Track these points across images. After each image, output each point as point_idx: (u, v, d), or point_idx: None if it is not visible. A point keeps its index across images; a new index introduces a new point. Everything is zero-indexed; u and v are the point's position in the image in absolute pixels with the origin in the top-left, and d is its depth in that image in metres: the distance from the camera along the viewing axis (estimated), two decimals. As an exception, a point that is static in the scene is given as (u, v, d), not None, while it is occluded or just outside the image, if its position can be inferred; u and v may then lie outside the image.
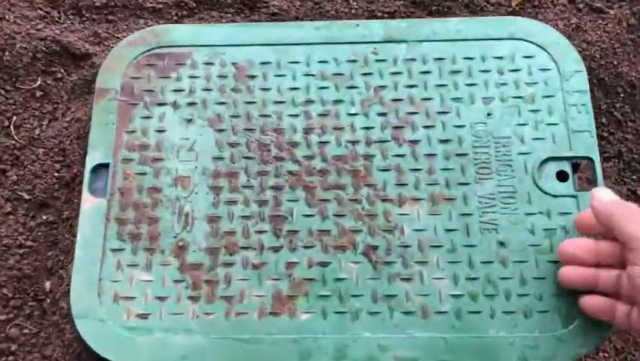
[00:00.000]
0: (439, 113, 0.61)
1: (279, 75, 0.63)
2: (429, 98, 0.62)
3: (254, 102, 0.62)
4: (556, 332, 0.53)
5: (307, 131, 0.61)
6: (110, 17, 0.70)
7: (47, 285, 0.60)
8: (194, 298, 0.56)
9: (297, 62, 0.64)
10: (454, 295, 0.55)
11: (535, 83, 0.62)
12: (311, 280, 0.56)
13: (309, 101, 0.62)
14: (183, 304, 0.56)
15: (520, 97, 0.61)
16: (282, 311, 0.55)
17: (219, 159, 0.60)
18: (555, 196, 0.58)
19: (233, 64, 0.64)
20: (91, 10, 0.71)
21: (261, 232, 0.58)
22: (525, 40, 0.63)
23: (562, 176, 0.59)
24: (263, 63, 0.64)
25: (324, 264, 0.56)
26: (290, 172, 0.60)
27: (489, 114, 0.61)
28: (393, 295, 0.55)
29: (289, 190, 0.59)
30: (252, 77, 0.63)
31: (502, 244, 0.56)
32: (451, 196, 0.58)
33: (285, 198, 0.59)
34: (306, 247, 0.57)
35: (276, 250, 0.57)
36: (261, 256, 0.57)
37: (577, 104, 0.60)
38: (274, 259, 0.57)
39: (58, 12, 0.70)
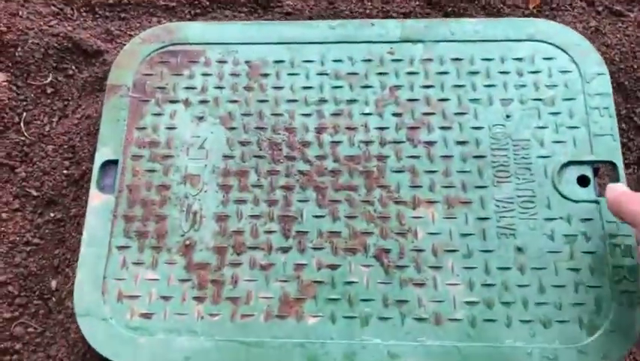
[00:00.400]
0: (456, 114, 0.59)
1: (293, 74, 0.62)
2: (446, 99, 0.60)
3: (266, 101, 0.61)
4: (577, 343, 0.51)
5: (319, 130, 0.60)
6: (123, 15, 0.70)
7: (53, 283, 0.59)
8: (199, 299, 0.54)
9: (311, 61, 0.63)
10: (468, 302, 0.53)
11: (556, 85, 0.60)
12: (320, 282, 0.54)
13: (323, 100, 0.61)
14: (188, 304, 0.54)
15: (540, 99, 0.59)
16: (289, 314, 0.53)
17: (230, 157, 0.59)
18: (576, 201, 0.55)
19: (247, 62, 0.63)
20: (104, 8, 0.70)
21: (269, 232, 0.56)
22: (545, 42, 0.61)
23: (583, 181, 0.56)
24: (276, 62, 0.63)
25: (333, 267, 0.55)
26: (301, 172, 0.58)
27: (508, 116, 0.59)
28: (405, 301, 0.53)
29: (300, 190, 0.57)
30: (265, 75, 0.62)
31: (520, 249, 0.54)
32: (467, 200, 0.56)
33: (296, 199, 0.57)
34: (315, 249, 0.55)
35: (285, 250, 0.55)
36: (269, 257, 0.55)
37: (599, 107, 0.58)
38: (282, 260, 0.55)
39: (72, 9, 0.70)
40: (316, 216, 0.56)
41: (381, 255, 0.55)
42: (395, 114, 0.60)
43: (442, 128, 0.59)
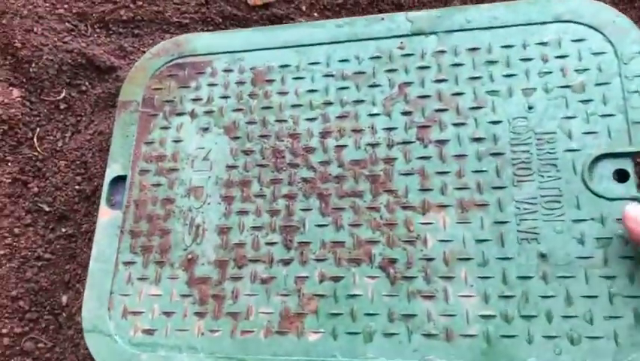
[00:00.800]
0: (471, 108, 0.54)
1: (298, 78, 0.60)
2: (460, 93, 0.55)
3: (270, 107, 0.59)
4: (611, 363, 0.44)
5: (324, 135, 0.56)
6: (136, 31, 0.70)
7: (64, 299, 0.60)
8: (200, 314, 0.52)
9: (317, 63, 0.60)
10: (483, 316, 0.47)
11: (587, 69, 0.53)
12: (321, 296, 0.51)
13: (328, 103, 0.58)
14: (189, 320, 0.52)
15: (567, 86, 0.52)
16: (290, 330, 0.50)
17: (233, 167, 0.57)
18: (611, 200, 0.48)
19: (252, 69, 0.61)
20: (118, 24, 0.71)
21: (271, 243, 0.54)
22: (574, 22, 0.54)
23: (620, 175, 0.49)
24: (282, 66, 0.61)
25: (336, 279, 0.51)
26: (304, 179, 0.55)
27: (530, 108, 0.53)
28: (413, 315, 0.48)
29: (302, 199, 0.54)
30: (270, 81, 0.60)
31: (543, 256, 0.48)
32: (483, 202, 0.51)
33: (298, 208, 0.54)
34: (317, 260, 0.52)
35: (286, 263, 0.52)
36: (270, 270, 0.53)
37: (639, 91, 0.51)
38: (284, 273, 0.52)
39: (86, 25, 0.71)
40: (319, 226, 0.53)
41: (388, 265, 0.50)
42: (404, 113, 0.55)
43: (456, 125, 0.54)
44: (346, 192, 0.54)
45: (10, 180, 0.62)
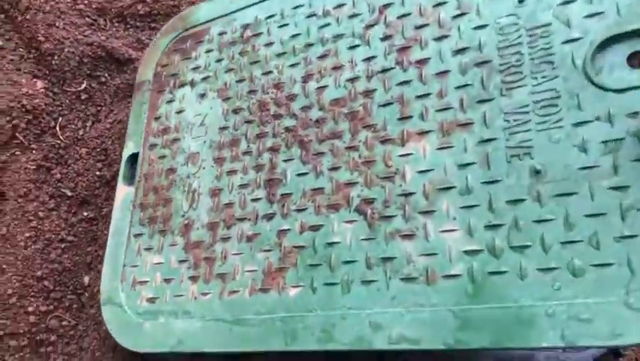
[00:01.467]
0: (454, 17, 0.46)
1: (282, 25, 0.56)
2: (442, 3, 0.47)
3: (258, 61, 0.56)
4: (624, 295, 0.34)
5: (306, 79, 0.52)
6: (153, 25, 0.72)
7: (86, 279, 0.62)
8: (194, 279, 0.52)
9: (300, 6, 0.56)
10: (468, 252, 0.40)
11: (590, -60, 0.42)
12: (301, 247, 0.47)
13: (309, 45, 0.54)
14: (184, 285, 0.52)
15: (566, -34, 0.43)
16: (272, 286, 0.47)
17: (225, 128, 0.56)
18: (621, 91, 0.38)
19: (242, 26, 0.59)
20: (135, 18, 0.73)
21: (256, 199, 0.51)
22: None
23: (636, 59, 0.38)
24: (268, 17, 0.58)
25: (315, 228, 0.47)
26: (287, 128, 0.52)
27: (520, 1, 0.44)
28: (392, 258, 0.42)
29: (285, 149, 0.51)
30: (258, 35, 0.58)
31: (537, 172, 0.39)
32: (467, 120, 0.43)
33: (281, 159, 0.51)
34: (298, 210, 0.48)
35: (270, 217, 0.49)
36: (255, 227, 0.50)
37: (656, -50, 0.39)
38: (267, 229, 0.49)
39: (105, 20, 0.74)
40: (300, 175, 0.49)
41: (365, 207, 0.45)
42: (384, 38, 0.49)
43: (437, 39, 0.46)
44: (326, 135, 0.49)
45: (34, 167, 0.67)
